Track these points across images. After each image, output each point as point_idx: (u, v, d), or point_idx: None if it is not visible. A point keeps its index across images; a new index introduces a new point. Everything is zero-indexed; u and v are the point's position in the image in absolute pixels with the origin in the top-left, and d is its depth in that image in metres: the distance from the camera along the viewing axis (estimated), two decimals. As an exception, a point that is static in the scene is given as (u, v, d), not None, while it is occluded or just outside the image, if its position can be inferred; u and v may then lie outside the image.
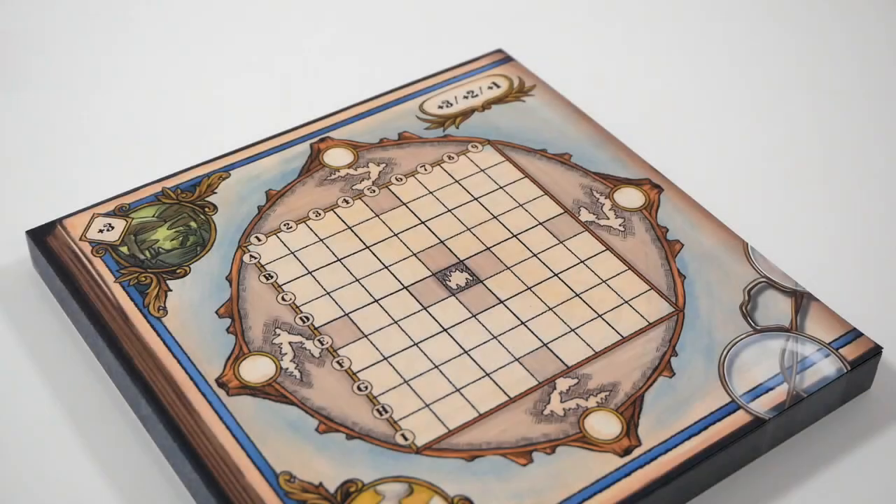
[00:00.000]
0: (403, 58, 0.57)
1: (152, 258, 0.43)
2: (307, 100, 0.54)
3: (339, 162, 0.48)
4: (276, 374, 0.40)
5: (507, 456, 0.38)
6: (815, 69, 0.58)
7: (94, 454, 0.40)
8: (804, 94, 0.56)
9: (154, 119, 0.54)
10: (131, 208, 0.45)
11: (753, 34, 0.60)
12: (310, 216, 0.45)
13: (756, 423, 0.39)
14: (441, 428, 0.39)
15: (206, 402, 0.39)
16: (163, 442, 0.39)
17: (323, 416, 0.39)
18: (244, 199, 0.46)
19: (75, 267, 0.43)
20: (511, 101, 0.51)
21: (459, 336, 0.41)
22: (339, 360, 0.41)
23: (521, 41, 0.57)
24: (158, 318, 0.41)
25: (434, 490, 0.37)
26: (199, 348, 0.41)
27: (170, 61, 0.57)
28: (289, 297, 0.42)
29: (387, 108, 0.50)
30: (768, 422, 0.39)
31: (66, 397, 0.42)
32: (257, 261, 0.44)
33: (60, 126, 0.53)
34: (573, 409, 0.39)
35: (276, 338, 0.41)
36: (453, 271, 0.44)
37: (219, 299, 0.42)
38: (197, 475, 0.37)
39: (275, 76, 0.56)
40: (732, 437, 0.39)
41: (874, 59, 0.59)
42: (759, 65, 0.58)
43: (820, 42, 0.60)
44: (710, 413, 0.39)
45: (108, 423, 0.41)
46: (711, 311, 0.43)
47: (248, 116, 0.54)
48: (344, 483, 0.37)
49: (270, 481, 0.37)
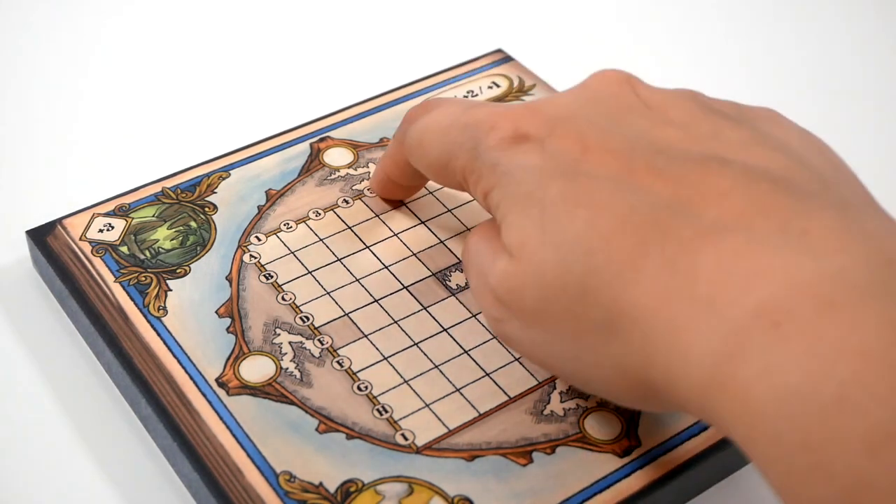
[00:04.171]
0: (403, 58, 0.57)
1: (152, 258, 0.44)
2: (307, 100, 0.54)
3: (339, 162, 0.48)
4: (277, 374, 0.40)
5: (507, 456, 0.38)
6: (821, 70, 0.58)
7: (94, 454, 0.40)
8: (809, 95, 0.56)
9: (154, 119, 0.54)
10: (131, 208, 0.45)
11: (757, 33, 0.60)
12: (310, 216, 0.45)
13: (756, 423, 0.39)
14: (441, 428, 0.39)
15: (206, 401, 0.39)
16: (163, 442, 0.39)
17: (323, 416, 0.39)
18: (244, 198, 0.46)
19: (75, 267, 0.43)
20: (511, 100, 0.51)
21: (459, 336, 0.41)
22: (339, 359, 0.41)
23: (521, 41, 0.58)
24: (158, 317, 0.41)
25: (434, 490, 0.37)
26: (199, 348, 0.41)
27: (170, 61, 0.57)
28: (289, 297, 0.42)
29: (387, 108, 0.50)
30: (768, 422, 0.39)
31: (66, 397, 0.42)
32: (257, 260, 0.44)
33: (60, 126, 0.53)
34: (573, 409, 0.39)
35: (276, 337, 0.41)
36: (453, 271, 0.44)
37: (219, 299, 0.42)
38: (197, 475, 0.37)
39: (275, 76, 0.56)
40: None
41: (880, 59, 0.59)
42: (762, 64, 0.58)
43: (825, 42, 0.60)
44: (710, 413, 0.39)
45: (108, 423, 0.41)
46: (711, 311, 0.43)
47: (248, 116, 0.54)
48: (344, 483, 0.37)
49: (270, 481, 0.37)
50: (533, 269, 0.33)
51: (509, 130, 0.35)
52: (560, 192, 0.33)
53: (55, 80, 0.56)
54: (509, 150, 0.35)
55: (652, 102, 0.36)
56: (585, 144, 0.33)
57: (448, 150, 0.38)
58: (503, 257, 0.34)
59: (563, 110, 0.35)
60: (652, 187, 0.32)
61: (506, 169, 0.35)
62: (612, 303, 0.31)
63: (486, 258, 0.35)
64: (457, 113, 0.38)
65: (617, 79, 0.37)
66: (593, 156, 0.33)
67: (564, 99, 0.36)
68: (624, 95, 0.36)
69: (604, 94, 0.36)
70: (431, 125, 0.39)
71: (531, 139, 0.35)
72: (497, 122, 0.36)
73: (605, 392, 0.34)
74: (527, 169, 0.34)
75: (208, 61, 0.57)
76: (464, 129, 0.37)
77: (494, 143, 0.35)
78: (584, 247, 0.32)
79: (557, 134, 0.34)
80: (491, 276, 0.35)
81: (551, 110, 0.36)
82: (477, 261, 0.36)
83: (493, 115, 0.36)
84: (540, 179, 0.33)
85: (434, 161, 0.39)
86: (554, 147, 0.34)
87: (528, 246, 0.33)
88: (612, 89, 0.36)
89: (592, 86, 0.37)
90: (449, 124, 0.38)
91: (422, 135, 0.39)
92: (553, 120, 0.35)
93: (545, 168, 0.34)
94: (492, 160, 0.35)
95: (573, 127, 0.34)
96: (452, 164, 0.38)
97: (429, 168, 0.39)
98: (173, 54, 0.57)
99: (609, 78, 0.37)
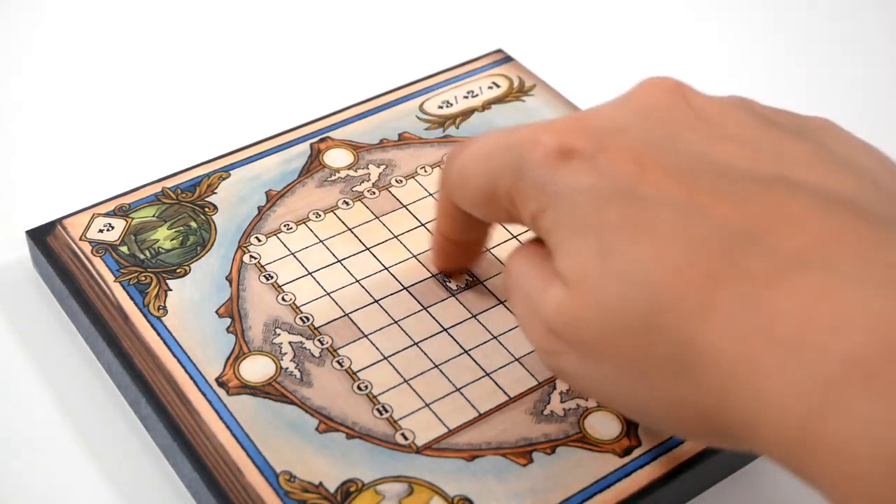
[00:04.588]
0: (403, 58, 0.57)
1: (152, 258, 0.44)
2: (307, 100, 0.54)
3: (340, 163, 0.48)
4: (277, 374, 0.40)
5: (507, 456, 0.38)
6: (816, 69, 0.58)
7: (94, 454, 0.40)
8: (808, 95, 0.56)
9: (154, 119, 0.54)
10: (131, 208, 0.45)
11: (754, 32, 0.60)
12: (310, 217, 0.45)
13: (756, 423, 0.39)
14: (441, 428, 0.39)
15: (206, 401, 0.39)
16: (163, 441, 0.39)
17: (323, 416, 0.39)
18: (244, 199, 0.46)
19: (75, 267, 0.43)
20: (511, 101, 0.51)
21: (459, 336, 0.41)
22: (339, 359, 0.41)
23: (521, 41, 0.58)
24: (158, 317, 0.41)
25: (434, 490, 0.37)
26: (199, 348, 0.41)
27: (170, 61, 0.57)
28: (289, 298, 0.42)
29: (387, 108, 0.50)
30: (768, 422, 0.39)
31: (66, 397, 0.42)
32: (257, 261, 0.44)
33: (60, 126, 0.53)
34: (573, 410, 0.39)
35: (276, 338, 0.41)
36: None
37: (219, 299, 0.42)
38: (197, 475, 0.37)
39: (275, 76, 0.56)
40: (732, 437, 0.39)
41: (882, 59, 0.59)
42: (760, 65, 0.58)
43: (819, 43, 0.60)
44: (710, 413, 0.39)
45: (108, 423, 0.41)
46: (711, 312, 0.43)
47: (248, 116, 0.54)
48: (344, 483, 0.37)
49: (270, 481, 0.37)
50: (594, 301, 0.31)
51: (554, 145, 0.33)
52: (619, 217, 0.31)
53: (55, 79, 0.56)
54: (558, 168, 0.33)
55: (706, 114, 0.33)
56: (641, 163, 0.31)
57: (491, 174, 0.35)
58: (557, 286, 0.32)
59: (609, 122, 0.33)
60: (717, 213, 0.30)
61: (556, 189, 0.32)
62: (682, 341, 0.29)
63: (535, 285, 0.33)
64: (497, 137, 0.36)
65: (667, 87, 0.34)
66: (651, 176, 0.31)
67: (610, 110, 0.34)
68: (676, 106, 0.33)
69: (653, 105, 0.34)
70: (472, 154, 0.36)
71: (579, 154, 0.32)
72: (540, 136, 0.33)
73: (669, 427, 0.33)
74: (580, 190, 0.32)
75: (208, 61, 0.57)
76: (505, 149, 0.35)
77: (540, 159, 0.33)
78: (649, 280, 0.30)
79: (608, 150, 0.32)
80: (543, 306, 0.33)
81: (597, 122, 0.33)
82: (524, 287, 0.34)
83: (535, 131, 0.34)
84: (596, 202, 0.31)
85: (478, 190, 0.36)
86: (607, 165, 0.32)
87: (587, 276, 0.31)
88: (663, 100, 0.34)
89: (640, 95, 0.34)
90: (490, 149, 0.35)
91: (463, 167, 0.37)
92: (600, 133, 0.33)
93: (600, 189, 0.31)
94: (540, 179, 0.33)
95: (624, 142, 0.32)
96: (497, 189, 0.35)
97: (474, 200, 0.37)
98: (173, 54, 0.57)
99: (658, 86, 0.34)
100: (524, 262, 0.35)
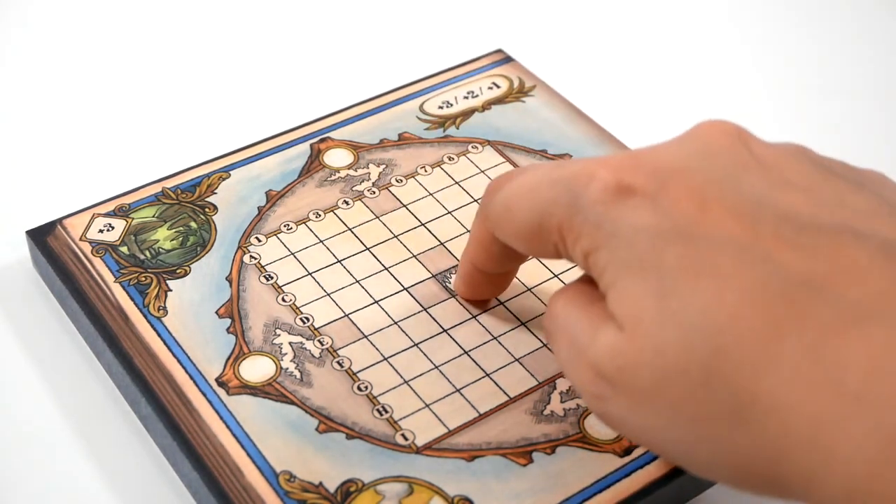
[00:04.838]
0: (403, 58, 0.57)
1: (152, 258, 0.44)
2: (307, 100, 0.54)
3: (340, 163, 0.48)
4: (277, 374, 0.40)
5: (506, 456, 0.38)
6: (819, 70, 0.58)
7: (94, 454, 0.40)
8: (808, 96, 0.56)
9: (154, 119, 0.54)
10: (131, 208, 0.45)
11: (755, 34, 0.60)
12: (310, 217, 0.45)
13: (756, 423, 0.39)
14: (441, 428, 0.39)
15: (206, 401, 0.39)
16: (163, 441, 0.39)
17: (323, 416, 0.39)
18: (244, 199, 0.46)
19: (75, 267, 0.43)
20: (511, 101, 0.51)
21: (459, 336, 0.41)
22: (340, 360, 0.41)
23: (521, 41, 0.58)
24: (158, 317, 0.41)
25: (434, 490, 0.37)
26: (199, 348, 0.41)
27: (170, 61, 0.57)
28: (289, 298, 0.42)
29: (387, 108, 0.50)
30: (768, 422, 0.39)
31: (66, 397, 0.42)
32: (257, 261, 0.44)
33: (60, 126, 0.53)
34: (573, 410, 0.39)
35: (276, 338, 0.41)
36: (453, 273, 0.44)
37: (219, 299, 0.42)
38: (197, 475, 0.37)
39: (275, 76, 0.56)
40: (732, 438, 0.39)
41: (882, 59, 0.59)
42: (761, 65, 0.58)
43: (820, 44, 0.60)
44: (710, 413, 0.39)
45: (108, 423, 0.41)
46: (711, 312, 0.43)
47: (248, 116, 0.54)
48: (344, 483, 0.37)
49: (270, 481, 0.37)
50: (651, 346, 0.30)
51: (612, 181, 0.32)
52: (678, 257, 0.30)
53: (55, 79, 0.56)
54: (616, 206, 0.32)
55: (766, 160, 0.33)
56: (703, 203, 0.30)
57: (540, 208, 0.34)
58: (609, 329, 0.31)
59: (671, 162, 0.32)
60: (781, 258, 0.29)
61: (613, 228, 0.31)
62: (742, 389, 0.28)
63: (583, 327, 0.32)
64: (545, 170, 0.35)
65: (728, 131, 0.33)
66: (713, 216, 0.30)
67: (670, 149, 0.33)
68: (736, 150, 0.33)
69: (714, 147, 0.33)
70: (518, 187, 0.35)
71: (639, 193, 0.31)
72: (596, 171, 0.32)
73: (719, 477, 0.32)
74: (638, 229, 0.31)
75: (208, 61, 0.57)
76: (555, 183, 0.34)
77: (597, 195, 0.32)
78: (709, 324, 0.29)
79: (669, 189, 0.31)
80: (592, 350, 0.32)
81: (657, 161, 0.32)
82: (570, 329, 0.33)
83: (590, 166, 0.33)
84: (655, 242, 0.30)
85: (524, 224, 0.35)
86: (668, 204, 0.31)
87: (643, 319, 0.30)
88: (723, 142, 0.33)
89: (701, 136, 0.33)
90: (537, 182, 0.34)
91: (508, 200, 0.36)
92: (661, 172, 0.32)
93: (659, 229, 0.30)
94: (595, 216, 0.32)
95: (687, 182, 0.31)
96: (546, 224, 0.34)
97: (518, 234, 0.35)
98: (173, 54, 0.57)
99: (719, 129, 0.33)
100: (569, 305, 0.34)
